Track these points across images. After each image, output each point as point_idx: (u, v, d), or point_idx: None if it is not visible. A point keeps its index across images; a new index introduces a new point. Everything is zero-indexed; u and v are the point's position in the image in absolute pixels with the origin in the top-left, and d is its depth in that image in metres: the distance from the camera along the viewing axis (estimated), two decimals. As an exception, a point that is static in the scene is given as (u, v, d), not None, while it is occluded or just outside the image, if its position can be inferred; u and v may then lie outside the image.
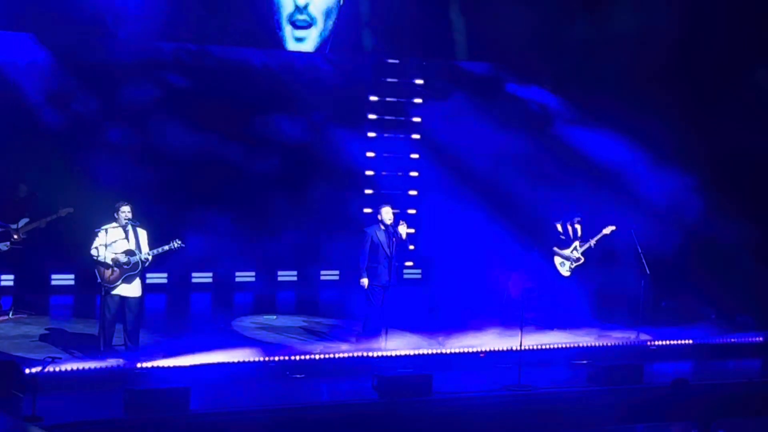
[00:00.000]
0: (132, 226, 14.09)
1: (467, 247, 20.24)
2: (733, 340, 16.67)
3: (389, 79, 20.78)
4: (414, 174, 21.09)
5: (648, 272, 16.64)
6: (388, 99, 20.85)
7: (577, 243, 17.23)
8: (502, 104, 20.31)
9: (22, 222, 16.23)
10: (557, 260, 17.28)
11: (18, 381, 12.28)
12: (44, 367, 12.35)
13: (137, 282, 14.13)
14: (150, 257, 14.09)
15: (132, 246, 14.02)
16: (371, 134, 20.77)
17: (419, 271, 21.28)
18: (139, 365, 13.26)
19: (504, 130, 20.05)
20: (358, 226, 16.18)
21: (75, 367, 13.02)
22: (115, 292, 13.97)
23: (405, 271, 20.86)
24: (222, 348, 14.19)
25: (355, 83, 20.30)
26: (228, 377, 13.47)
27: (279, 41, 19.11)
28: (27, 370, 12.40)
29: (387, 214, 15.33)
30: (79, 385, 12.79)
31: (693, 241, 18.30)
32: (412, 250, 18.02)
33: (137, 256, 13.99)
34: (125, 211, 14.08)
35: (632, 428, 13.60)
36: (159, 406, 12.01)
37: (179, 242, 14.19)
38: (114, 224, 14.06)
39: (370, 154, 20.72)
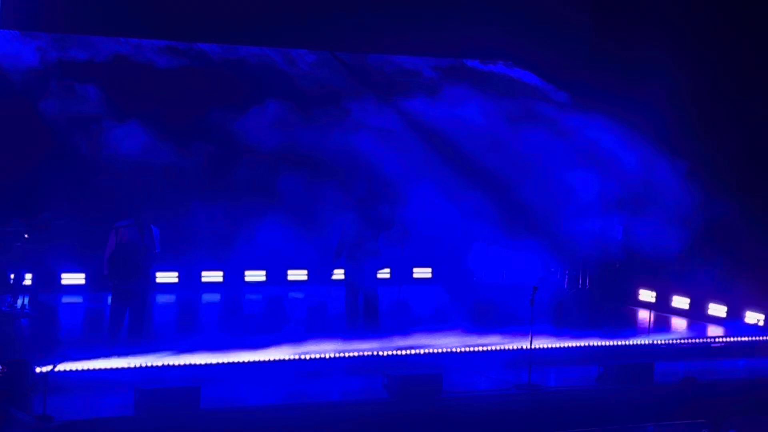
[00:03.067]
0: (147, 223, 14.30)
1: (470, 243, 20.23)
2: (744, 338, 16.66)
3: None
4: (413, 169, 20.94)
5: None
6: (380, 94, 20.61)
7: None
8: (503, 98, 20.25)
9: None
10: None
11: (29, 380, 12.32)
12: (55, 366, 12.38)
13: (148, 277, 14.35)
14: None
15: (145, 242, 14.21)
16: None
17: (429, 270, 21.25)
18: (149, 364, 13.28)
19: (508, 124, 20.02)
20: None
21: (86, 366, 13.04)
22: (126, 287, 14.14)
23: (415, 270, 20.88)
24: (232, 347, 14.23)
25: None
26: (238, 376, 13.50)
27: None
28: (38, 369, 12.43)
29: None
30: (89, 383, 12.82)
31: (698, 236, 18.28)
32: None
33: (150, 253, 14.20)
34: (141, 209, 14.32)
35: (642, 427, 13.56)
36: (169, 405, 12.04)
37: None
38: (129, 221, 14.33)
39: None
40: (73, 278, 18.47)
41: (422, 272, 21.16)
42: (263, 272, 20.08)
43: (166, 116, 18.08)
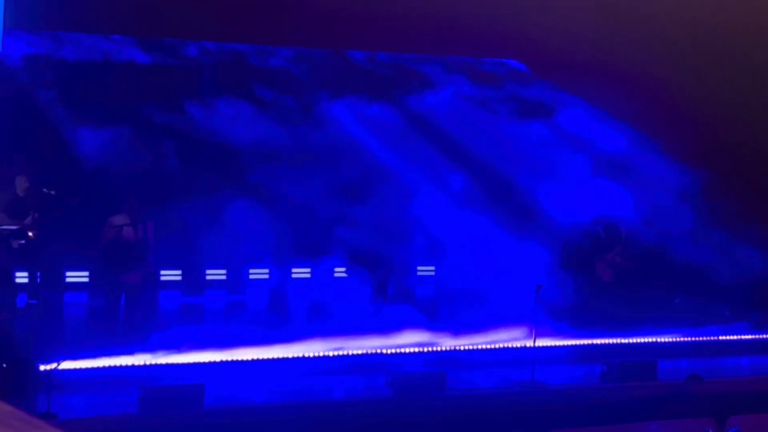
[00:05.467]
0: (140, 218, 14.32)
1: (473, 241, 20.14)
2: (748, 336, 16.63)
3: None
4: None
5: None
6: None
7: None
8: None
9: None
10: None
11: (33, 378, 12.33)
12: (59, 364, 12.39)
13: (144, 272, 14.42)
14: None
15: (139, 237, 14.25)
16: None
17: (432, 267, 21.18)
18: (153, 362, 13.29)
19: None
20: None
21: (89, 364, 13.05)
22: (122, 282, 14.29)
23: (418, 267, 20.79)
24: (236, 344, 14.23)
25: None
26: (242, 374, 13.50)
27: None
28: (42, 367, 12.44)
29: None
30: (93, 381, 12.82)
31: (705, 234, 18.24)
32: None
33: (145, 247, 14.28)
34: (132, 203, 14.34)
35: (646, 425, 13.56)
36: (173, 403, 12.04)
37: None
38: (122, 216, 14.33)
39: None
40: (77, 276, 18.46)
41: (426, 270, 21.10)
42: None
43: (152, 113, 18.04)
